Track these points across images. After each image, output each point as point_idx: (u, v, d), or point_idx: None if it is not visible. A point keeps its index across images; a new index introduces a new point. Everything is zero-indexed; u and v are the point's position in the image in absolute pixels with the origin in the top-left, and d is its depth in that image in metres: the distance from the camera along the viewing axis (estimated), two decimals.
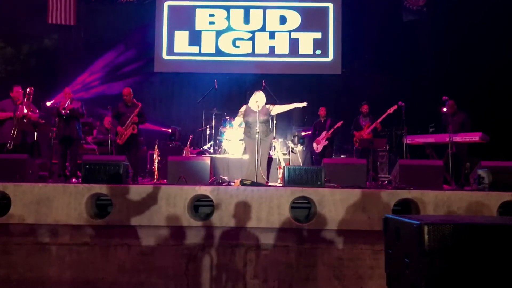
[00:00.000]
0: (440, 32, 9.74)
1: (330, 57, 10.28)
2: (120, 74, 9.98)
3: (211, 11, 10.46)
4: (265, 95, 6.22)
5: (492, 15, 8.78)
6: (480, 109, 7.95)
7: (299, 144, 8.39)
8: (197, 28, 10.41)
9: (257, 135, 5.84)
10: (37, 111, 6.69)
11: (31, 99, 6.42)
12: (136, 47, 10.29)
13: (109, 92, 9.82)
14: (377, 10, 10.10)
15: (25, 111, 6.29)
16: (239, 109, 6.31)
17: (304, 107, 6.25)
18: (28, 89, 6.38)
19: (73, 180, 6.27)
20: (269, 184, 5.92)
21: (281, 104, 6.49)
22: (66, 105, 6.67)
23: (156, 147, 7.31)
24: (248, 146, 6.25)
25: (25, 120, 6.28)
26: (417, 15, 9.92)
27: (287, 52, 10.32)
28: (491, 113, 8.37)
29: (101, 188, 4.49)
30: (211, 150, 8.31)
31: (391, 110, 7.25)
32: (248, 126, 6.17)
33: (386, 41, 10.01)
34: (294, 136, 8.56)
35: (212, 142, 8.48)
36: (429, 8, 9.87)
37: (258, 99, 6.03)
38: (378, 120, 7.41)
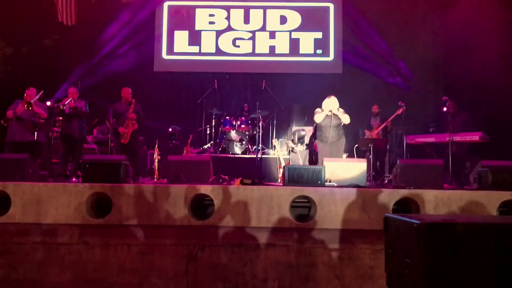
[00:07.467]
0: (442, 29, 9.72)
1: (331, 57, 10.27)
2: (120, 73, 9.95)
3: (211, 11, 10.43)
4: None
5: (495, 13, 8.73)
6: (480, 108, 7.93)
7: (299, 144, 8.38)
8: (197, 28, 10.38)
9: (329, 139, 6.10)
10: (45, 107, 6.77)
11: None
12: (135, 47, 10.27)
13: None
14: (378, 9, 10.07)
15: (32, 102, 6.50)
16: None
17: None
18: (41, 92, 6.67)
19: (73, 179, 6.26)
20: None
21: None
22: (66, 103, 6.66)
23: (156, 146, 7.29)
24: (320, 150, 6.41)
25: (30, 108, 6.46)
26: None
27: (287, 52, 10.29)
28: (492, 113, 8.34)
29: (101, 188, 4.49)
30: (212, 150, 8.30)
31: (399, 111, 7.34)
32: (320, 130, 6.34)
33: (387, 41, 10.00)
34: (294, 136, 8.55)
35: (212, 142, 8.47)
36: None
37: (328, 105, 6.21)
38: (387, 121, 7.54)
